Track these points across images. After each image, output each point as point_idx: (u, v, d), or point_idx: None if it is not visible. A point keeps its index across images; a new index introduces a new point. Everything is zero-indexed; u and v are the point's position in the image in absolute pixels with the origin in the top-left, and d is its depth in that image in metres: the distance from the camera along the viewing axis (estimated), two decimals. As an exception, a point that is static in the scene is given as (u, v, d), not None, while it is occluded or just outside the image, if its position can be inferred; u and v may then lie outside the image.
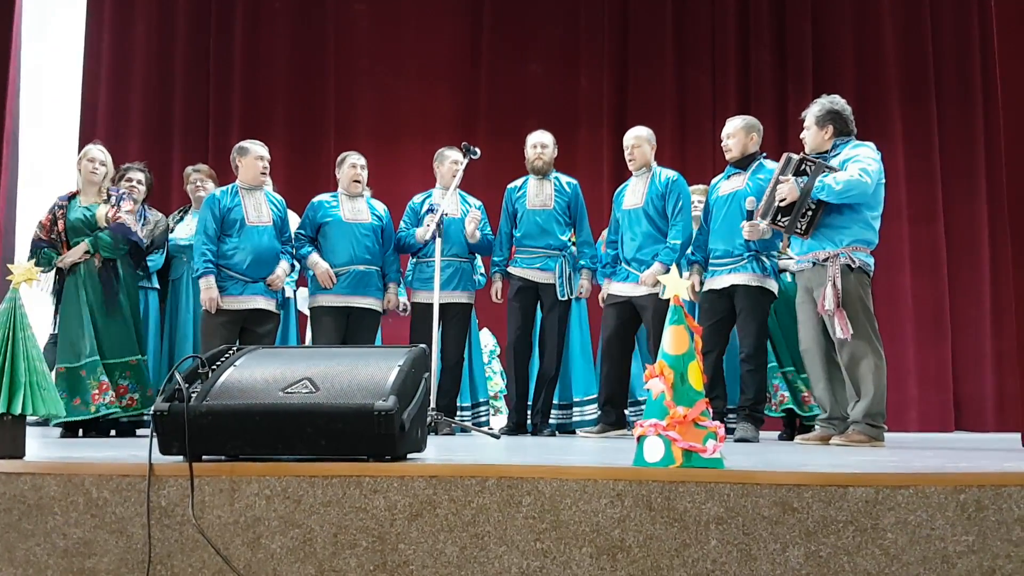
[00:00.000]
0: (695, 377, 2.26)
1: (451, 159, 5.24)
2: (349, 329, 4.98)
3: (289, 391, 2.37)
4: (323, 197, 5.14)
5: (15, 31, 6.35)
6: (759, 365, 4.55)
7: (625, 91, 7.71)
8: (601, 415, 5.01)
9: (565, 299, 5.10)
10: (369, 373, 2.42)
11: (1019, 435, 4.06)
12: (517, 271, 5.17)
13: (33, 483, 2.22)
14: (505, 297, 5.24)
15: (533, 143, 5.23)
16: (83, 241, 4.63)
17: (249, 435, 2.33)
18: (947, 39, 7.65)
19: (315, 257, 4.96)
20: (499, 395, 6.43)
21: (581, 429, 5.30)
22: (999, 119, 4.12)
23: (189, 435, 2.26)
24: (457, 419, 5.21)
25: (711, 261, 4.68)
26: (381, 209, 5.18)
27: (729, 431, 4.61)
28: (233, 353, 2.61)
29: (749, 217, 4.42)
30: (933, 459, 2.98)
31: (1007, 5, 3.97)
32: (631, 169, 5.04)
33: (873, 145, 4.13)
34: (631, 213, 4.94)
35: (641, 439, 2.25)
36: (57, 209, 4.75)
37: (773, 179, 4.20)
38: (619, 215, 5.03)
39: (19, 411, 2.44)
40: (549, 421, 5.26)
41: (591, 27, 7.76)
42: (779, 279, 4.69)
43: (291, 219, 5.14)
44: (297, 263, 5.08)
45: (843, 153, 4.11)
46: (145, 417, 4.74)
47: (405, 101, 7.65)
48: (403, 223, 5.26)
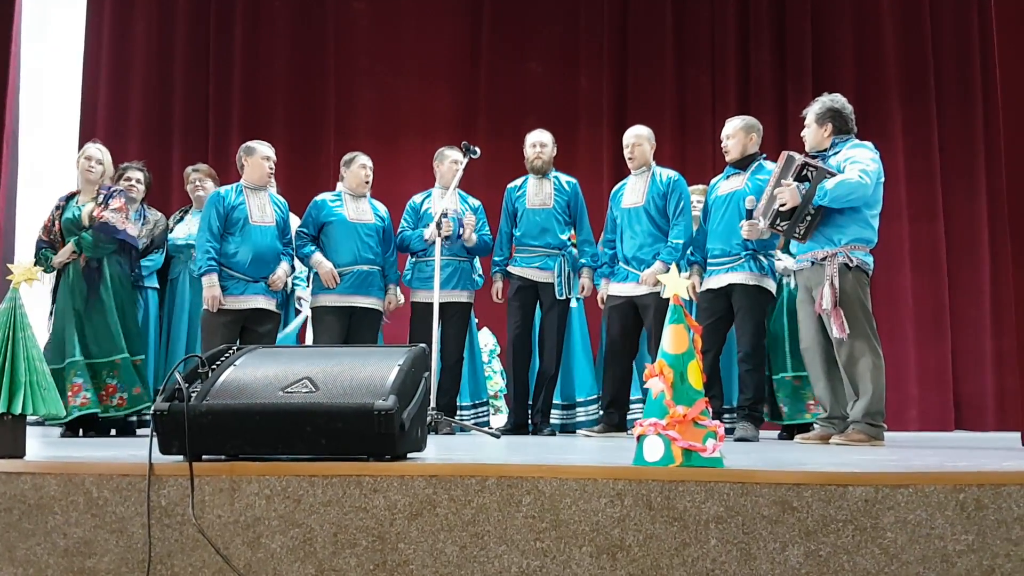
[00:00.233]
0: (695, 376, 2.26)
1: (451, 159, 5.24)
2: (351, 329, 4.98)
3: (289, 390, 2.37)
4: (326, 196, 5.13)
5: (15, 31, 6.36)
6: (757, 364, 4.55)
7: (625, 90, 7.71)
8: (603, 416, 5.01)
9: (564, 298, 5.10)
10: (369, 372, 2.42)
11: (1019, 434, 4.06)
12: (517, 270, 5.17)
13: (33, 483, 2.22)
14: (505, 297, 5.25)
15: (532, 142, 5.23)
16: (71, 241, 4.64)
17: (249, 434, 2.33)
18: (947, 38, 7.65)
19: (319, 256, 4.95)
20: (499, 394, 6.44)
21: (582, 429, 5.30)
22: (999, 118, 4.12)
23: (189, 434, 2.26)
24: (457, 418, 5.21)
25: (709, 260, 4.68)
26: (383, 209, 5.18)
27: (728, 431, 4.61)
28: (233, 352, 2.61)
29: (748, 216, 4.42)
30: (933, 458, 2.98)
31: (1007, 4, 3.96)
32: (631, 168, 5.04)
33: (872, 145, 4.13)
34: (631, 212, 4.93)
35: (641, 438, 2.25)
36: (55, 209, 4.77)
37: (773, 178, 4.20)
38: (617, 214, 5.02)
39: (19, 411, 2.44)
40: (550, 421, 5.26)
41: (591, 26, 7.76)
42: (777, 279, 4.69)
43: (291, 221, 5.13)
44: (299, 265, 5.08)
45: (842, 152, 4.11)
46: (144, 417, 4.73)
47: (405, 100, 7.65)
48: (403, 222, 5.26)
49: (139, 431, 4.94)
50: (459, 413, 5.35)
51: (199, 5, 7.62)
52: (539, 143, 5.21)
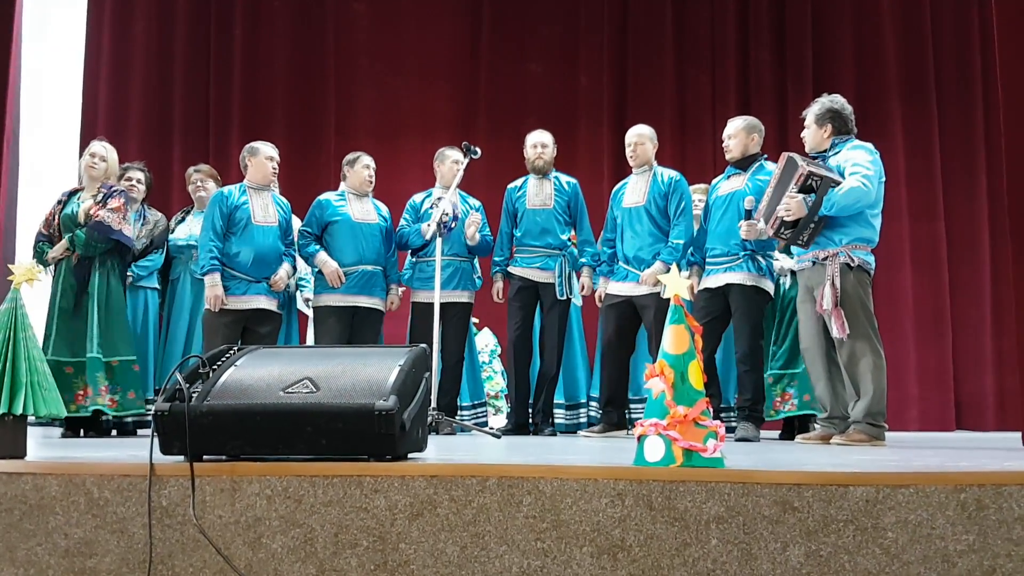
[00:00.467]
0: (695, 376, 2.26)
1: (452, 159, 5.24)
2: (353, 328, 4.98)
3: (290, 391, 2.37)
4: (329, 196, 5.13)
5: (15, 31, 6.36)
6: (755, 365, 4.55)
7: (625, 90, 7.71)
8: (603, 415, 5.01)
9: (564, 298, 5.10)
10: (370, 373, 2.42)
11: (1019, 434, 4.06)
12: (517, 270, 5.17)
13: (34, 483, 2.22)
14: (506, 297, 5.25)
15: (533, 143, 5.23)
16: (65, 238, 4.64)
17: (250, 435, 2.33)
18: (947, 38, 7.65)
19: (324, 256, 4.94)
20: (500, 395, 6.44)
21: (582, 429, 5.31)
22: (999, 117, 4.12)
23: (190, 435, 2.26)
24: (458, 419, 5.21)
25: (708, 260, 4.68)
26: (385, 209, 5.19)
27: (729, 430, 4.61)
28: (234, 353, 2.61)
29: (747, 217, 4.42)
30: (933, 458, 2.98)
31: (1007, 3, 3.96)
32: (632, 167, 5.04)
33: (871, 146, 4.12)
34: (632, 211, 4.93)
35: (641, 438, 2.25)
36: (57, 204, 4.76)
37: (773, 179, 4.19)
38: (618, 213, 5.01)
39: (20, 411, 2.44)
40: (551, 421, 5.26)
41: (591, 26, 7.76)
42: (775, 279, 4.69)
43: (294, 224, 5.12)
44: (301, 266, 5.08)
45: (842, 153, 4.10)
46: (145, 417, 4.71)
47: (405, 100, 7.65)
48: (403, 221, 5.25)
49: (140, 431, 4.94)
50: (459, 413, 5.35)
51: (199, 5, 7.63)
52: (540, 143, 5.21)
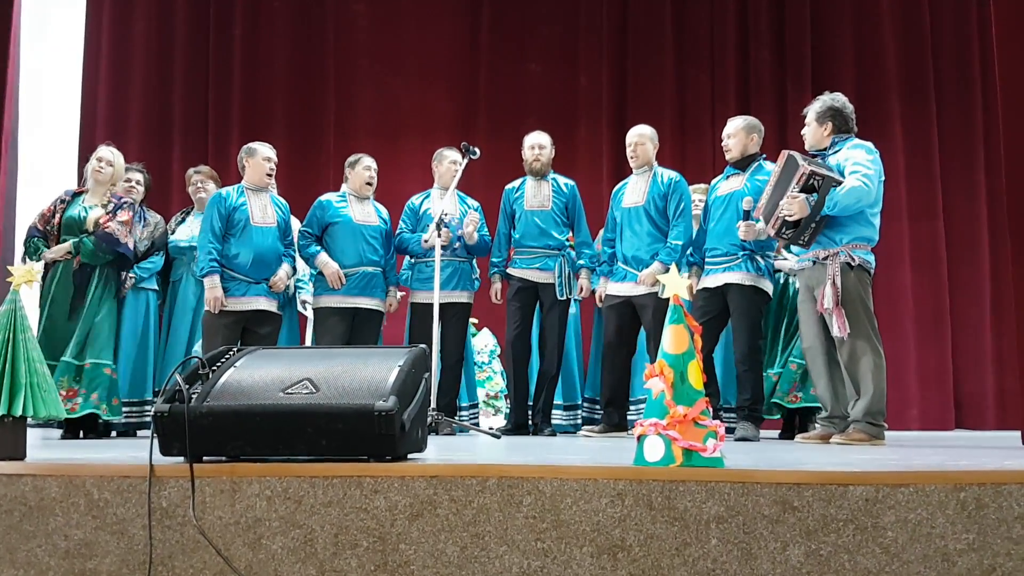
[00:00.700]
0: (695, 376, 2.26)
1: (449, 159, 5.24)
2: (353, 329, 4.98)
3: (290, 391, 2.37)
4: (330, 197, 5.13)
5: (14, 31, 6.35)
6: (754, 365, 4.55)
7: (624, 90, 7.71)
8: (603, 416, 5.01)
9: (564, 299, 5.10)
10: (369, 373, 2.42)
11: (1019, 433, 4.06)
12: (516, 272, 5.16)
13: (34, 484, 2.22)
14: (504, 298, 5.25)
15: (531, 144, 5.23)
16: (68, 241, 4.62)
17: (250, 436, 2.33)
18: (946, 37, 7.65)
19: (324, 257, 4.95)
20: (499, 395, 6.43)
21: (582, 428, 5.31)
22: (998, 117, 4.12)
23: (190, 436, 2.26)
24: (457, 419, 5.21)
25: (707, 260, 4.68)
26: (385, 211, 5.19)
27: (728, 430, 4.61)
28: (234, 354, 2.61)
29: (745, 217, 4.42)
30: (933, 457, 2.99)
31: (1006, 3, 3.96)
32: (633, 167, 5.04)
33: (871, 145, 4.12)
34: (631, 211, 4.93)
35: (641, 438, 2.25)
36: (59, 203, 4.73)
37: (773, 178, 4.19)
38: (618, 213, 5.02)
39: (20, 413, 2.44)
40: (550, 421, 5.26)
41: (590, 26, 7.76)
42: (774, 279, 4.69)
43: (293, 225, 5.12)
44: (301, 267, 5.07)
45: (842, 152, 4.10)
46: (122, 420, 4.71)
47: (404, 100, 7.65)
48: (402, 223, 5.25)
49: (139, 433, 4.94)
50: (458, 413, 5.34)
51: (198, 5, 7.63)
52: (538, 145, 5.21)
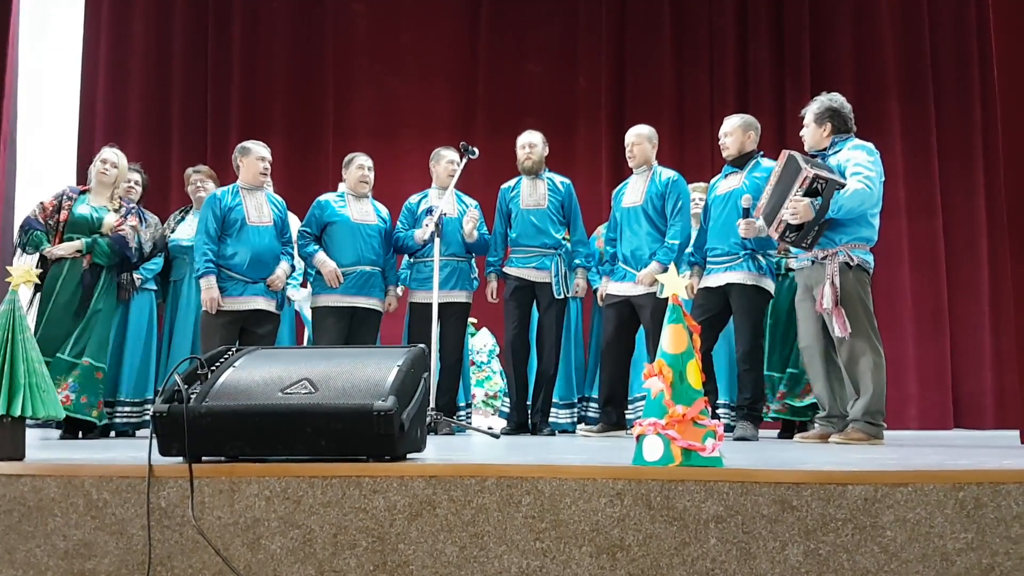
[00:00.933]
0: (694, 376, 2.26)
1: (447, 158, 5.25)
2: (351, 329, 4.98)
3: (288, 391, 2.37)
4: (329, 196, 5.14)
5: (13, 32, 6.36)
6: (755, 364, 4.55)
7: (623, 89, 7.71)
8: (602, 415, 5.01)
9: (561, 297, 5.10)
10: (368, 373, 2.42)
11: (1018, 433, 4.06)
12: (513, 271, 5.16)
13: (33, 485, 2.22)
14: (501, 297, 5.25)
15: (521, 144, 5.24)
16: (79, 240, 4.62)
17: (249, 436, 2.33)
18: (945, 36, 7.65)
19: (322, 256, 4.95)
20: (499, 394, 6.43)
21: (581, 427, 5.31)
22: (997, 115, 4.12)
23: (189, 436, 2.26)
24: (456, 418, 5.21)
25: (708, 259, 4.68)
26: (384, 211, 5.19)
27: (728, 429, 4.61)
28: (232, 354, 2.61)
29: (745, 214, 4.42)
30: (932, 456, 2.99)
31: (1004, 2, 3.96)
32: (631, 167, 5.05)
33: (871, 145, 4.11)
34: (630, 211, 4.94)
35: (640, 438, 2.25)
36: (66, 199, 4.71)
37: (773, 177, 4.19)
38: (618, 213, 5.03)
39: (19, 413, 2.44)
40: (549, 421, 5.26)
41: (589, 26, 7.76)
42: (775, 278, 4.68)
43: (290, 221, 5.13)
44: (298, 264, 5.08)
45: (842, 152, 4.10)
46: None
47: (404, 100, 7.65)
48: (400, 223, 5.25)
49: (138, 433, 4.94)
50: (457, 414, 5.34)
51: (197, 5, 7.62)
52: (528, 144, 5.22)
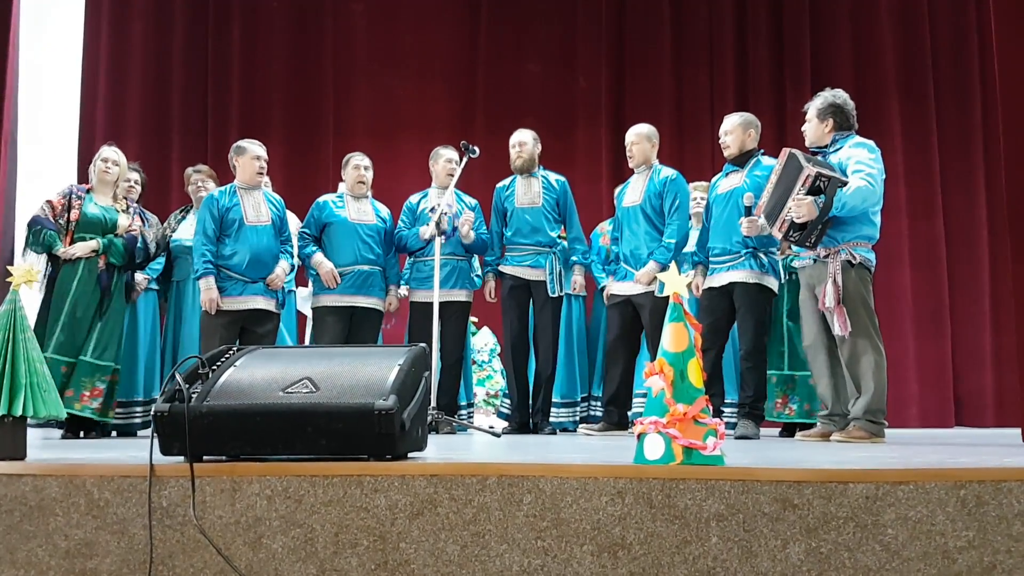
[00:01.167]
0: (695, 374, 2.26)
1: (445, 157, 5.25)
2: (352, 328, 4.98)
3: (289, 391, 2.37)
4: (328, 197, 5.16)
5: (13, 31, 6.36)
6: (759, 362, 4.55)
7: (623, 89, 7.71)
8: (604, 414, 5.01)
9: (556, 296, 5.10)
10: (369, 372, 2.42)
11: (1019, 431, 4.06)
12: (508, 269, 5.17)
13: (34, 484, 2.22)
14: (498, 296, 5.25)
15: (512, 143, 5.26)
16: (95, 239, 4.63)
17: (250, 435, 2.33)
18: (945, 35, 7.65)
19: (319, 257, 4.97)
20: (499, 393, 6.43)
21: (582, 426, 5.31)
22: (997, 114, 4.12)
23: (190, 435, 2.26)
24: (458, 417, 5.21)
25: (710, 259, 4.68)
26: (384, 211, 5.20)
27: (729, 427, 4.61)
28: (233, 353, 2.61)
29: (747, 213, 4.41)
30: (933, 455, 2.99)
31: (1005, 1, 3.95)
32: (631, 166, 5.06)
33: (872, 143, 4.11)
34: (630, 211, 4.95)
35: (641, 437, 2.25)
36: (74, 198, 4.71)
37: (774, 175, 4.19)
38: (620, 213, 5.04)
39: (20, 413, 2.44)
40: (550, 420, 5.26)
41: (588, 25, 7.76)
42: (779, 276, 4.68)
43: (289, 220, 5.13)
44: (297, 263, 5.08)
45: (843, 150, 4.10)
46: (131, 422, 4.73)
47: (403, 100, 7.65)
48: (401, 223, 5.26)
49: (140, 433, 4.94)
50: (457, 413, 5.34)
51: (197, 5, 7.62)
52: (519, 143, 5.23)
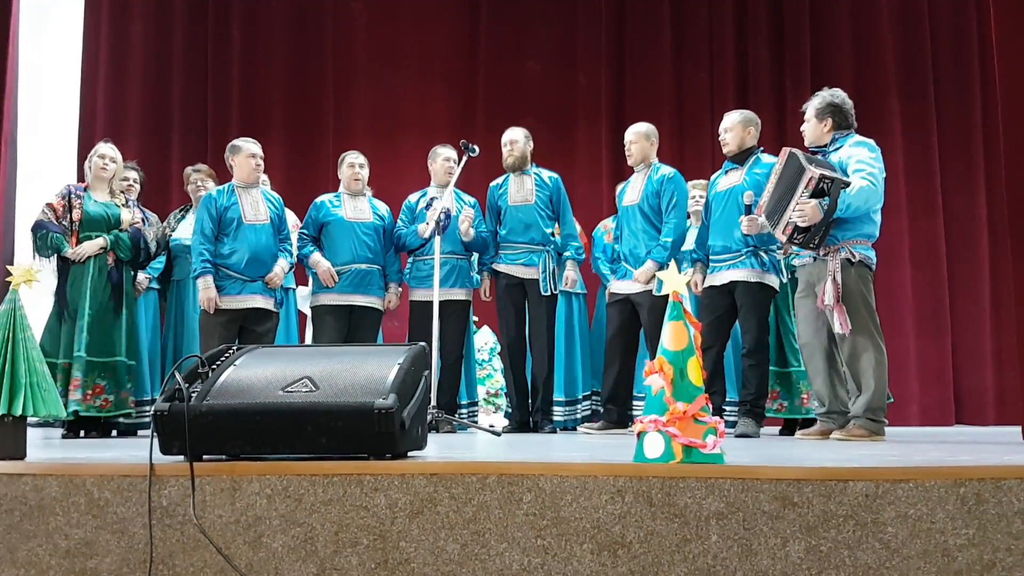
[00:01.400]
0: (694, 373, 2.25)
1: (443, 156, 5.26)
2: (351, 327, 4.99)
3: (289, 390, 2.37)
4: (325, 197, 5.17)
5: (13, 31, 6.36)
6: (761, 360, 4.55)
7: (623, 88, 7.71)
8: (604, 413, 5.01)
9: (549, 294, 5.09)
10: (369, 371, 2.42)
11: (1019, 428, 4.06)
12: (502, 267, 5.17)
13: (34, 484, 2.22)
14: (493, 294, 5.25)
15: (504, 141, 5.26)
16: (101, 237, 4.63)
17: (249, 434, 2.33)
18: (945, 33, 7.65)
19: (317, 256, 4.98)
20: (500, 392, 6.44)
21: (583, 425, 5.31)
22: (997, 113, 4.11)
23: (190, 435, 2.26)
24: (459, 416, 5.21)
25: (711, 257, 4.67)
26: (383, 209, 5.20)
27: (729, 426, 4.61)
28: (233, 352, 2.61)
29: (747, 212, 4.41)
30: (933, 453, 2.98)
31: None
32: (630, 164, 5.06)
33: (873, 142, 4.11)
34: (629, 210, 4.95)
35: (641, 435, 2.25)
36: (74, 198, 4.70)
37: (774, 174, 4.18)
38: (620, 212, 5.05)
39: (20, 412, 2.44)
40: (551, 418, 5.25)
41: (588, 24, 7.76)
42: (780, 274, 4.68)
43: (288, 218, 5.14)
44: (296, 261, 5.09)
45: (843, 149, 4.10)
46: (119, 419, 4.73)
47: (403, 99, 7.66)
48: (400, 222, 5.26)
49: (140, 432, 4.94)
50: (457, 412, 5.34)
51: (197, 5, 7.63)
52: (510, 141, 5.23)
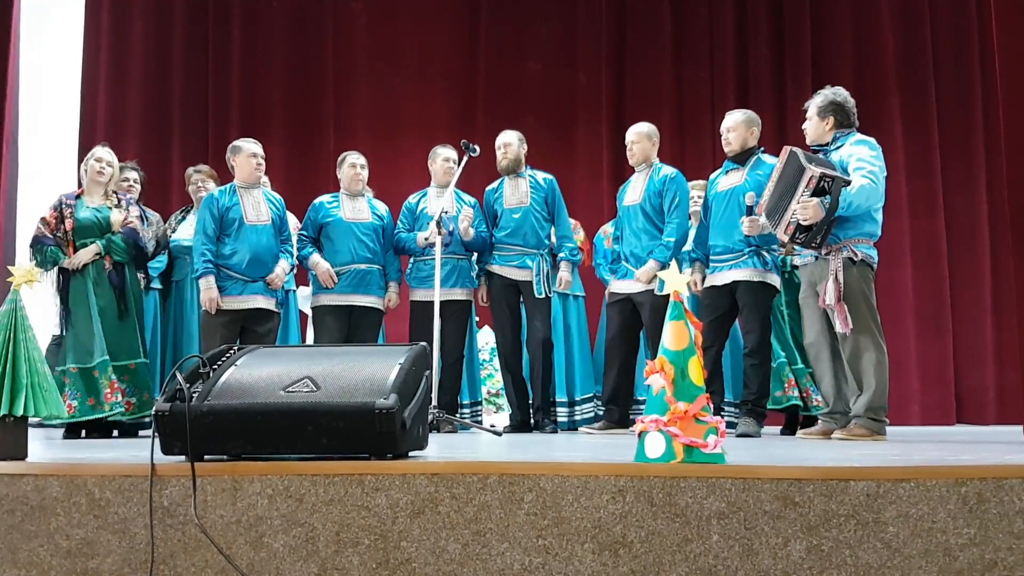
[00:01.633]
0: (696, 373, 2.25)
1: (443, 156, 5.25)
2: (351, 327, 4.99)
3: (290, 390, 2.37)
4: (324, 198, 5.17)
5: (13, 32, 6.37)
6: (763, 360, 4.55)
7: (623, 87, 7.71)
8: (605, 413, 5.01)
9: (543, 296, 5.08)
10: (370, 371, 2.42)
11: (1020, 428, 4.06)
12: (496, 268, 5.16)
13: (36, 484, 2.22)
14: (489, 297, 5.24)
15: (498, 144, 5.26)
16: (95, 243, 4.62)
17: (251, 434, 2.33)
18: (946, 32, 7.65)
19: (316, 257, 4.98)
20: (500, 392, 6.44)
21: (584, 426, 5.31)
22: (998, 111, 4.11)
23: (191, 435, 2.26)
24: (461, 416, 5.21)
25: (712, 257, 4.67)
26: (383, 209, 5.20)
27: (730, 425, 4.61)
28: (234, 353, 2.61)
29: (748, 212, 4.41)
30: (934, 452, 2.98)
31: (1005, -2, 3.96)
32: (632, 164, 5.05)
33: (873, 141, 4.11)
34: (630, 210, 4.95)
35: (642, 435, 2.25)
36: (65, 208, 4.69)
37: (775, 173, 4.18)
38: (621, 212, 5.04)
39: (21, 413, 2.44)
40: (552, 418, 5.25)
41: (589, 23, 7.76)
42: (781, 274, 4.68)
43: (289, 220, 5.14)
44: (298, 262, 5.09)
45: (844, 147, 4.09)
46: (146, 419, 4.74)
47: (403, 99, 7.66)
48: (399, 223, 5.26)
49: (141, 432, 4.94)
50: (459, 412, 5.35)
51: (197, 5, 7.63)
52: (503, 144, 5.23)
